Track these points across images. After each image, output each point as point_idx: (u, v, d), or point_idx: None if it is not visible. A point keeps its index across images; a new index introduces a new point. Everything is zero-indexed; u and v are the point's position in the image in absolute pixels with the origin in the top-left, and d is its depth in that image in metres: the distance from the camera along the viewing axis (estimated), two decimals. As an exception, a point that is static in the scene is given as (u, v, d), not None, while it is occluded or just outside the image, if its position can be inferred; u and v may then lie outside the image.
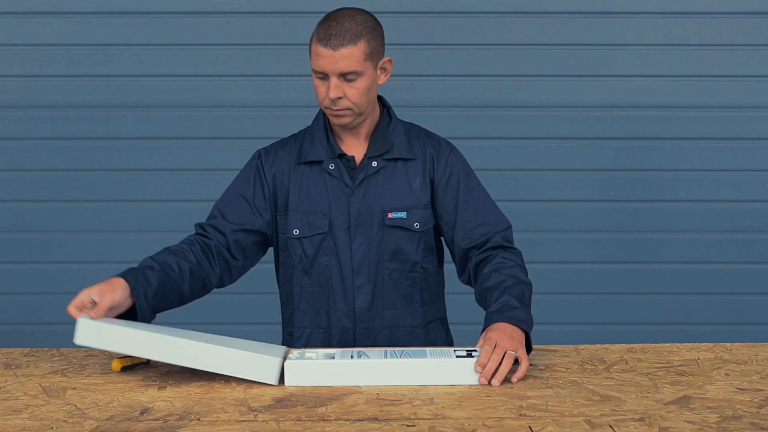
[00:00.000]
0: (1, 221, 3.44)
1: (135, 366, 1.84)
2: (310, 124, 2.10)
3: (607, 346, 1.98)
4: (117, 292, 1.78)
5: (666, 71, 3.39)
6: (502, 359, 1.68)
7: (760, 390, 1.66)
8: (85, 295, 1.75)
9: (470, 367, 1.69)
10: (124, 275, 1.83)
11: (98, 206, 3.43)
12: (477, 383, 1.69)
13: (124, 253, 3.44)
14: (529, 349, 1.81)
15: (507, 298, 1.85)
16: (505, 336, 1.73)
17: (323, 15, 1.95)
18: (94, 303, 1.75)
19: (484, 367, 1.66)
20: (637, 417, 1.51)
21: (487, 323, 1.81)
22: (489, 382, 1.66)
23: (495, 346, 1.70)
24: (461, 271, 2.08)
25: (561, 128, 3.41)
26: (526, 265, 2.05)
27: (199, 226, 2.06)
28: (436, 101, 3.37)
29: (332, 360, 1.70)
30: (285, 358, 1.73)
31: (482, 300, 1.96)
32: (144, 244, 3.44)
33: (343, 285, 2.00)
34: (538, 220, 3.44)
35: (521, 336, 1.77)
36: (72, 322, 1.73)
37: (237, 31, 3.36)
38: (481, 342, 1.78)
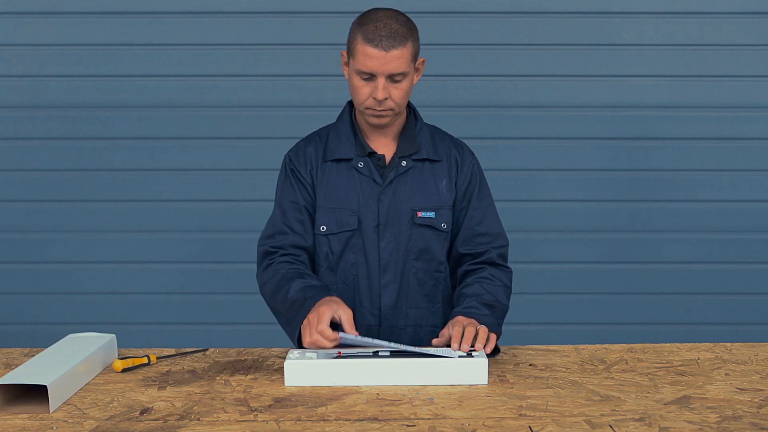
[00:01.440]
0: (1, 221, 3.44)
1: (135, 366, 1.84)
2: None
3: (607, 346, 1.98)
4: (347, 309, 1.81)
5: (666, 71, 3.39)
6: (467, 332, 1.78)
7: (760, 390, 1.66)
8: (327, 320, 1.76)
9: (470, 367, 1.69)
10: (330, 293, 1.86)
11: (98, 206, 3.43)
12: (477, 383, 1.69)
13: (124, 253, 3.44)
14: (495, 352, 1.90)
15: (476, 304, 1.92)
16: (466, 319, 1.85)
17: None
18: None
19: (459, 341, 1.76)
20: (637, 417, 1.51)
21: (452, 317, 1.90)
22: (467, 352, 1.76)
23: (464, 326, 1.80)
24: (451, 272, 2.12)
25: (561, 128, 3.41)
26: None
27: (276, 248, 2.01)
28: (436, 101, 3.37)
29: (332, 360, 1.71)
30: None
31: (455, 302, 2.02)
32: (144, 244, 3.46)
33: (370, 282, 2.01)
34: (538, 220, 3.44)
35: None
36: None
37: (237, 31, 3.36)
38: (448, 329, 1.83)
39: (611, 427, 1.46)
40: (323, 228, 2.01)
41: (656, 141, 3.42)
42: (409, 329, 2.03)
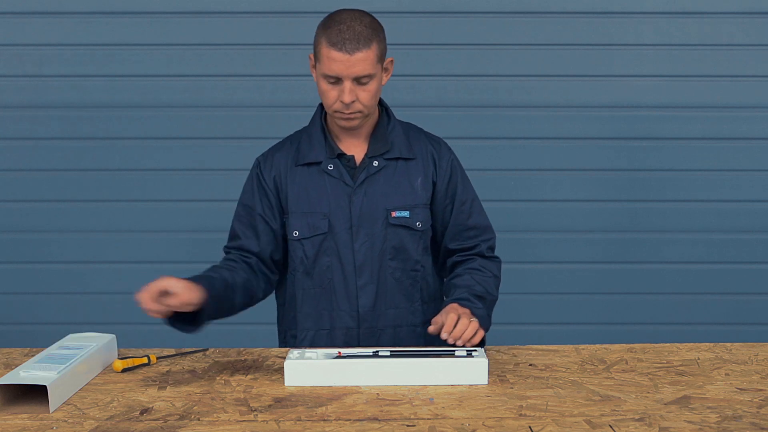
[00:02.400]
0: (1, 221, 3.44)
1: (135, 366, 1.84)
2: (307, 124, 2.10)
3: (607, 346, 1.98)
4: (196, 294, 1.74)
5: (666, 71, 3.39)
6: (461, 323, 1.80)
7: (760, 390, 1.66)
8: (164, 283, 1.69)
9: (470, 367, 1.69)
10: (197, 281, 1.80)
11: (98, 206, 3.43)
12: (477, 383, 1.69)
13: (124, 253, 3.44)
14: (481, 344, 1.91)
15: (467, 296, 1.95)
16: (461, 308, 1.86)
17: (323, 15, 1.95)
18: (165, 294, 1.70)
19: (450, 330, 1.77)
20: (637, 417, 1.51)
21: (445, 306, 1.93)
22: (454, 343, 1.77)
23: (459, 316, 1.80)
24: (441, 266, 2.14)
25: (561, 128, 3.41)
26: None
27: (228, 249, 2.05)
28: (436, 101, 3.37)
29: (332, 360, 1.71)
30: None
31: (446, 293, 2.06)
32: (144, 244, 3.46)
33: (346, 285, 2.01)
34: (538, 220, 3.44)
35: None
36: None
37: (237, 31, 3.36)
38: (442, 316, 1.83)
39: (611, 427, 1.46)
40: (296, 233, 2.00)
41: (656, 141, 3.42)
42: (388, 330, 2.03)
